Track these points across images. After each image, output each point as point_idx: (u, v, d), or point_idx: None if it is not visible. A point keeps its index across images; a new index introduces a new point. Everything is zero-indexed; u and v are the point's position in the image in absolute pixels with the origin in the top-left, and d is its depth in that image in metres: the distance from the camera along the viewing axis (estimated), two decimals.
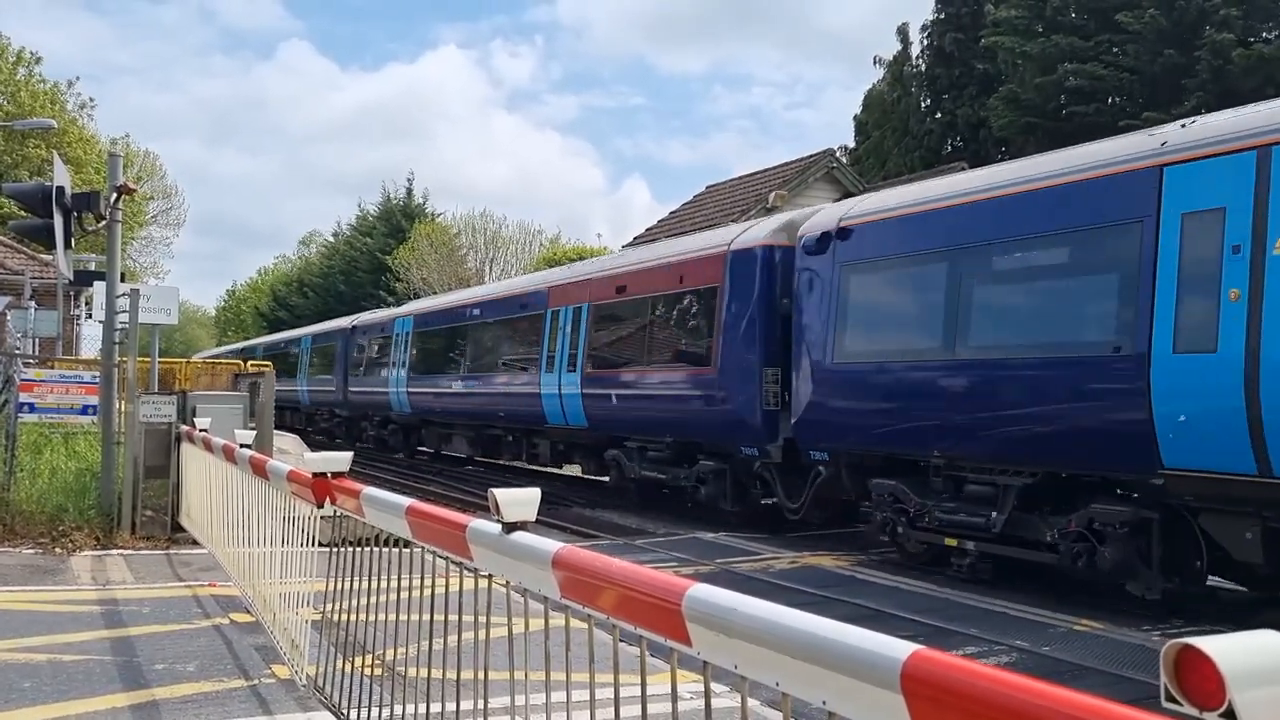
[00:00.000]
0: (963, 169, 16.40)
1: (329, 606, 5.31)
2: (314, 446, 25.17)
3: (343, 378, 30.43)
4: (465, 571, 3.79)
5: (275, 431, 13.68)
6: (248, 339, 62.41)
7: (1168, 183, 8.77)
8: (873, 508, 11.77)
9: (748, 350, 13.47)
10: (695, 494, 15.02)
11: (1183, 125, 9.29)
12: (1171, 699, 1.35)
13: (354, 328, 30.41)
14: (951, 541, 10.60)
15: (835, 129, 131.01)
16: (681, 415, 14.79)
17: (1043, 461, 9.79)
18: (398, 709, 4.33)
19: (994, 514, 10.04)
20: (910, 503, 11.00)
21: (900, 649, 1.79)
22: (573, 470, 20.60)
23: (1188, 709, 1.34)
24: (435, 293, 40.43)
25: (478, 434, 22.56)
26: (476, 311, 22.35)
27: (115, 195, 11.66)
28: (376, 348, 28.28)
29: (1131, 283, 8.90)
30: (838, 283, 12.07)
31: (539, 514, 3.41)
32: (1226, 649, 1.30)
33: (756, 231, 14.03)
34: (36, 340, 25.31)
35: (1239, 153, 8.30)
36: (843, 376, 12.00)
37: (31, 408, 12.35)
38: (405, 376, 25.38)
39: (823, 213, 13.09)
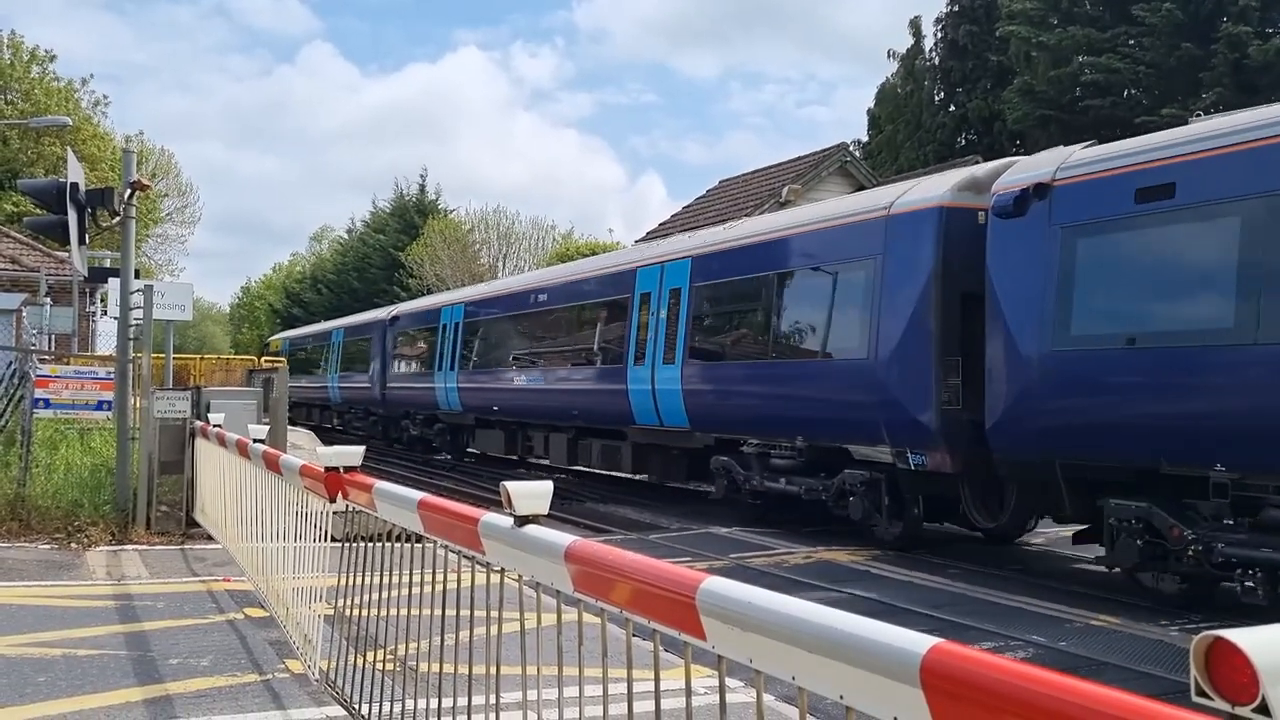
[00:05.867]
0: (976, 162, 16.27)
1: (342, 601, 5.30)
2: None
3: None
4: (477, 566, 3.77)
5: (289, 427, 13.72)
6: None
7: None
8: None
9: None
10: None
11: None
12: (1202, 693, 1.31)
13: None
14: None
15: (849, 125, 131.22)
16: None
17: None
18: (410, 704, 4.31)
19: None
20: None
21: (920, 642, 1.75)
22: None
23: (1219, 704, 1.30)
24: (449, 288, 38.45)
25: None
26: None
27: (129, 191, 11.69)
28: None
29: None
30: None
31: (549, 508, 3.39)
32: (1260, 641, 1.26)
33: None
34: (52, 337, 25.41)
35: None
36: None
37: (47, 403, 12.41)
38: None
39: None
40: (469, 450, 25.10)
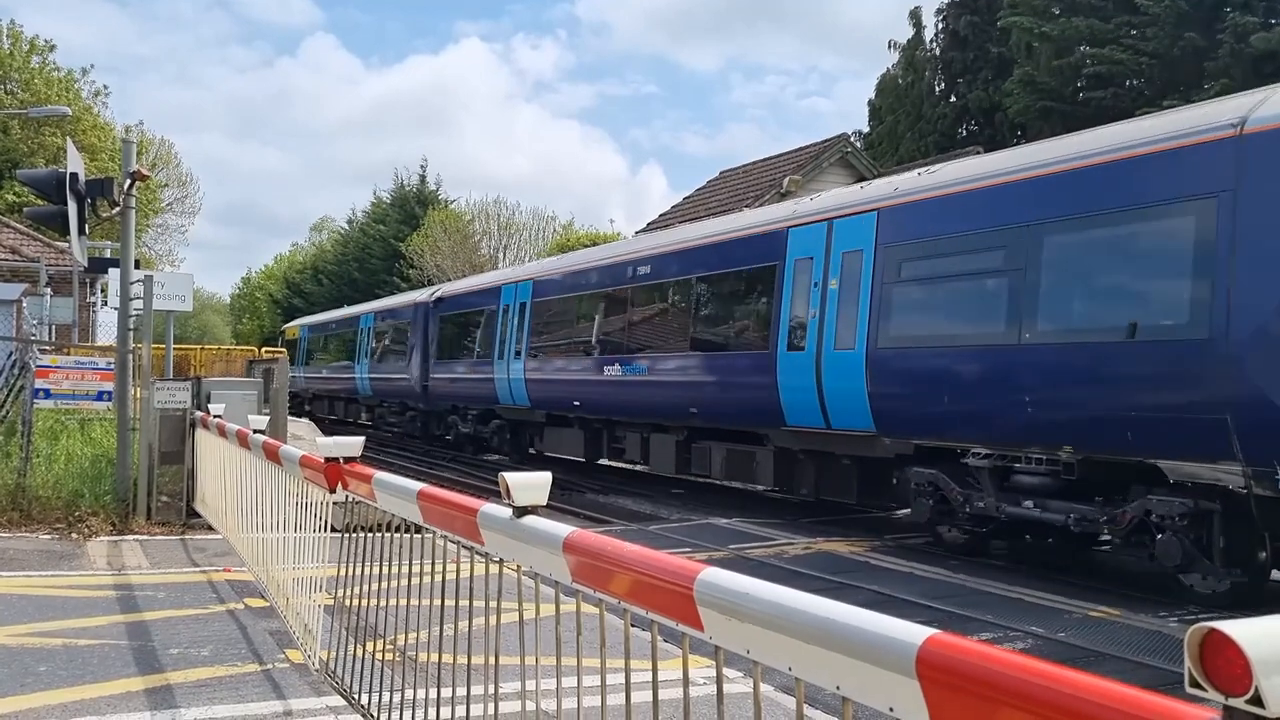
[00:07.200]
0: (978, 153, 16.20)
1: (341, 591, 5.30)
2: None
3: None
4: (476, 556, 3.77)
5: (289, 417, 13.72)
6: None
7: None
8: None
9: None
10: None
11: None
12: (1196, 684, 1.31)
13: None
14: None
15: (849, 117, 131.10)
16: None
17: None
18: (409, 693, 4.32)
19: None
20: None
21: (916, 634, 1.75)
22: None
23: (1212, 695, 1.30)
24: (450, 278, 37.86)
25: None
26: None
27: (129, 181, 11.68)
28: None
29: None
30: None
31: (550, 499, 3.39)
32: (1253, 633, 1.26)
33: None
34: (53, 327, 25.43)
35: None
36: None
37: (47, 394, 12.41)
38: None
39: None
40: (531, 451, 21.60)
